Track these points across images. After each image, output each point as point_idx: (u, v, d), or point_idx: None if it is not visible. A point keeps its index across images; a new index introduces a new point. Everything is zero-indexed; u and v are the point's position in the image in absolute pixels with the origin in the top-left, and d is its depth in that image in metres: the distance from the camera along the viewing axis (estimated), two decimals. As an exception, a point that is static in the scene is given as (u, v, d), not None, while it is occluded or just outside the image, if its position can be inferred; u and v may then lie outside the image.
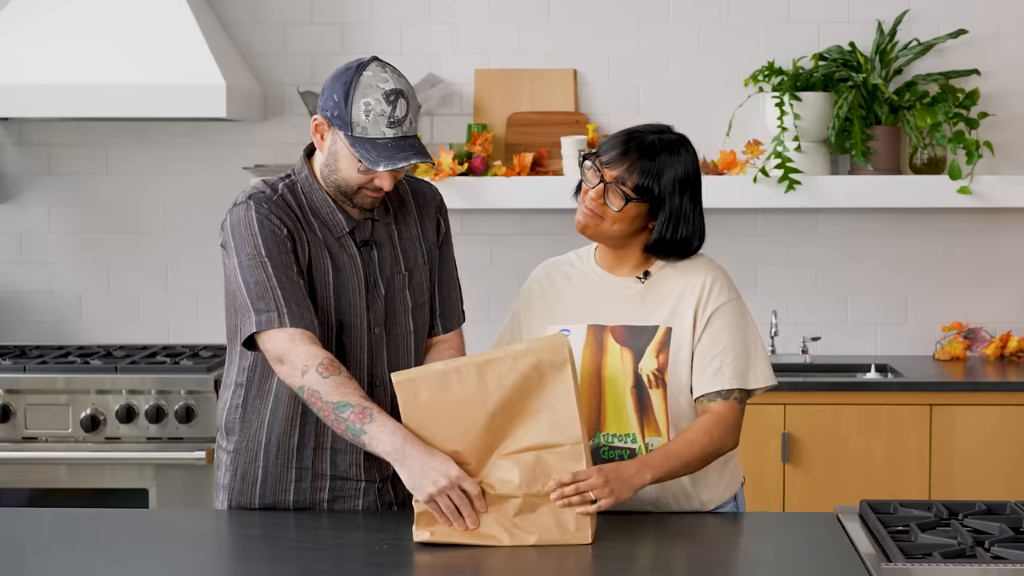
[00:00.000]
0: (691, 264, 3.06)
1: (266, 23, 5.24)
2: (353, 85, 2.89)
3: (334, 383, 2.83)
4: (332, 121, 2.92)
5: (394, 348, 3.07)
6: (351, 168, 2.94)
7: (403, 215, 3.11)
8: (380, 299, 3.04)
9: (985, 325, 5.17)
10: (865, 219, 5.19)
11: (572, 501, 2.74)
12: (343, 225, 3.01)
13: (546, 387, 2.75)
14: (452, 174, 4.96)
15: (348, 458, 3.06)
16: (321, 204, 3.01)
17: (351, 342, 3.02)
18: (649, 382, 2.98)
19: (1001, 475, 4.62)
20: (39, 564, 2.72)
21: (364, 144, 2.89)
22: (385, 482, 3.09)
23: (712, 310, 3.00)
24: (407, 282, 3.09)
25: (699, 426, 2.94)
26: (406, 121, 2.90)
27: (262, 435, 3.07)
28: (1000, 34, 5.13)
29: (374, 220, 3.05)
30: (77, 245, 5.30)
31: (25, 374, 4.67)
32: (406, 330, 3.09)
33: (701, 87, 5.17)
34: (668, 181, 2.99)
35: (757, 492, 4.58)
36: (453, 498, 2.74)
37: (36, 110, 4.85)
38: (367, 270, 3.03)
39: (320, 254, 2.99)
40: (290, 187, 3.02)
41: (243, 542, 2.90)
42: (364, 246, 3.04)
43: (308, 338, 2.88)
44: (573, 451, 2.75)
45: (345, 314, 3.01)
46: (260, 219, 2.94)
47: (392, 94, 2.89)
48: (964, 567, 2.51)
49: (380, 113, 2.87)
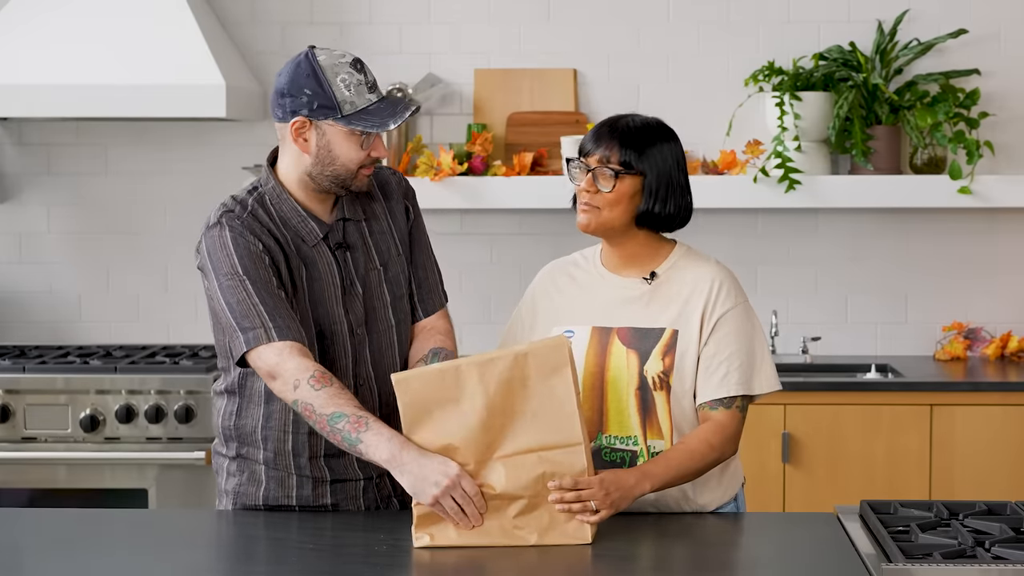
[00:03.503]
0: (698, 266, 3.05)
1: (266, 23, 5.24)
2: (319, 72, 2.90)
3: (327, 395, 2.82)
4: (314, 115, 2.91)
5: (376, 344, 3.06)
6: (351, 149, 2.93)
7: (372, 210, 3.10)
8: (358, 299, 3.04)
9: (985, 325, 5.17)
10: (865, 219, 5.19)
11: (573, 508, 2.74)
12: (316, 232, 3.00)
13: (547, 388, 2.74)
14: (452, 174, 4.96)
15: (343, 460, 3.06)
16: (291, 214, 2.99)
17: (335, 348, 3.02)
18: (654, 384, 2.97)
19: (1001, 475, 4.61)
20: (39, 564, 2.72)
21: (360, 116, 2.91)
22: (382, 476, 3.10)
23: (719, 315, 2.99)
24: (382, 277, 3.07)
25: (700, 436, 2.94)
26: (377, 83, 2.97)
27: (259, 442, 3.07)
28: (1000, 34, 5.13)
29: (346, 221, 3.04)
30: (76, 245, 5.30)
31: (24, 374, 4.67)
32: (387, 325, 3.08)
33: (701, 87, 5.17)
34: (651, 152, 2.98)
35: (757, 492, 4.58)
36: (456, 497, 2.73)
37: (36, 110, 4.85)
38: (343, 273, 3.02)
39: (296, 265, 2.98)
40: (259, 200, 3.00)
41: (243, 542, 2.90)
42: (339, 249, 3.03)
43: (297, 350, 2.87)
44: (574, 452, 2.75)
45: (326, 321, 3.00)
46: (234, 237, 2.93)
47: (356, 63, 2.94)
48: (964, 567, 2.51)
49: (358, 83, 2.91)
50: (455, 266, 5.24)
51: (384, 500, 3.12)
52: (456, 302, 5.25)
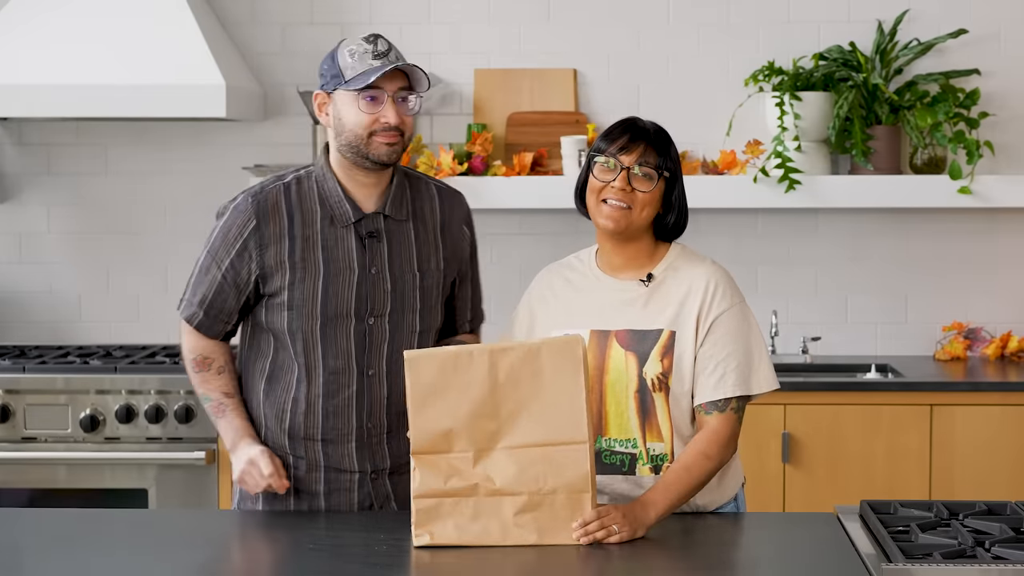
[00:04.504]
0: (694, 267, 3.05)
1: (266, 23, 5.24)
2: (336, 49, 3.06)
3: (201, 378, 3.17)
4: (327, 86, 3.05)
5: (397, 343, 3.11)
6: (354, 112, 3.02)
7: (423, 218, 3.17)
8: (385, 292, 3.10)
9: (985, 325, 5.17)
10: (865, 219, 5.19)
11: (597, 536, 2.76)
12: (348, 215, 3.09)
13: (557, 385, 2.75)
14: (452, 174, 4.96)
15: (340, 449, 3.11)
16: (331, 193, 3.10)
17: (337, 329, 3.08)
18: (653, 386, 2.98)
19: (1001, 475, 4.61)
20: (39, 564, 2.72)
21: (358, 78, 3.00)
22: (380, 474, 3.12)
23: (715, 316, 2.99)
24: (418, 283, 3.14)
25: (697, 449, 2.94)
26: (391, 53, 3.03)
27: (260, 419, 3.16)
28: (1000, 34, 5.13)
29: (385, 215, 3.11)
30: (76, 245, 5.30)
31: (24, 374, 4.67)
32: (412, 329, 3.14)
33: (701, 87, 5.17)
34: (675, 160, 3.04)
35: (757, 492, 4.58)
36: (255, 474, 3.02)
37: (36, 110, 4.85)
38: (368, 260, 3.09)
39: (309, 245, 3.07)
40: (300, 178, 3.13)
41: (243, 542, 2.90)
42: (369, 237, 3.09)
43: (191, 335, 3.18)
44: (578, 451, 2.75)
45: (332, 302, 3.08)
46: (234, 214, 3.11)
47: (371, 36, 3.04)
48: (964, 567, 2.51)
49: (364, 52, 3.02)
50: (455, 266, 5.24)
51: (381, 499, 3.14)
52: (456, 302, 5.26)
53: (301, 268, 3.06)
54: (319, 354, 3.08)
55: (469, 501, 2.76)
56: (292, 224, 3.07)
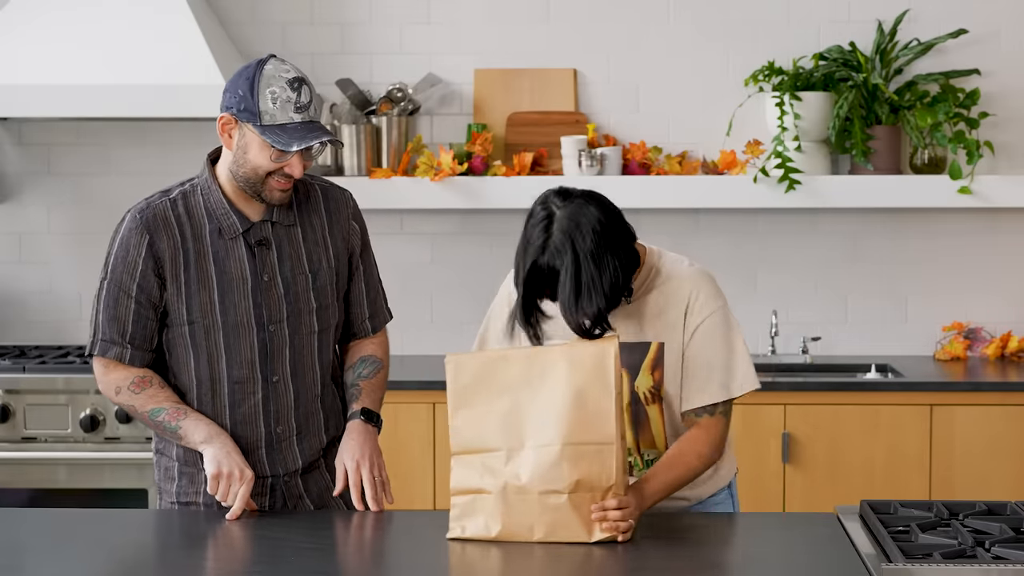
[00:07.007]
0: (673, 275, 3.02)
1: (266, 23, 5.24)
2: (256, 78, 2.98)
3: (147, 395, 3.09)
4: (239, 116, 3.00)
5: (298, 346, 3.13)
6: (262, 156, 3.00)
7: (310, 219, 3.17)
8: (278, 298, 3.11)
9: (985, 325, 5.17)
10: (865, 219, 5.19)
11: (619, 527, 2.77)
12: (236, 227, 3.09)
13: (588, 386, 2.78)
14: (452, 174, 4.96)
15: (251, 457, 3.11)
16: (216, 206, 3.09)
17: (239, 340, 3.09)
18: (646, 399, 3.01)
19: (1001, 475, 4.61)
20: (39, 564, 2.72)
21: (274, 130, 2.97)
22: (292, 476, 3.16)
23: (696, 324, 3.00)
24: (311, 283, 3.15)
25: (688, 446, 2.97)
26: (311, 107, 3.01)
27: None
28: (1000, 34, 5.13)
29: (272, 222, 3.11)
30: (76, 245, 5.30)
31: (24, 374, 4.67)
32: (310, 329, 3.15)
33: (701, 87, 5.17)
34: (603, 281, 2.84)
35: (757, 492, 4.58)
36: (222, 484, 2.98)
37: (36, 110, 4.85)
38: (259, 269, 3.09)
39: (202, 258, 3.07)
40: (186, 192, 3.12)
41: (243, 542, 2.90)
42: (259, 246, 3.10)
43: (117, 367, 3.10)
44: (605, 451, 2.78)
45: (231, 313, 3.08)
46: (126, 235, 3.09)
47: (295, 82, 2.99)
48: (964, 567, 2.51)
49: (286, 100, 2.97)
50: (455, 266, 5.24)
51: (294, 500, 3.17)
52: (456, 301, 5.26)
53: (196, 282, 3.07)
54: (223, 366, 3.09)
55: (500, 498, 2.79)
56: (184, 238, 3.07)
